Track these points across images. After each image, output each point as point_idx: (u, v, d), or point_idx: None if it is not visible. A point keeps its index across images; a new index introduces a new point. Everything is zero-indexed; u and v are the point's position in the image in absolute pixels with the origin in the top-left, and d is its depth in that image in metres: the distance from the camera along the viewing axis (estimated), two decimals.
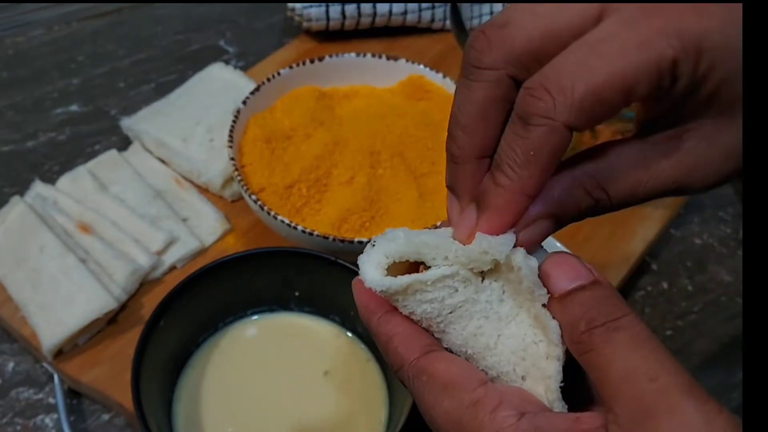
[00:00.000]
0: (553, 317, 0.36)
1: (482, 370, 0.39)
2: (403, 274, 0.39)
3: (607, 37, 0.35)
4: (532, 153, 0.35)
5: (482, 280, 0.38)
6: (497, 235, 0.37)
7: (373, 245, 0.39)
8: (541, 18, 0.36)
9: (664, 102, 0.37)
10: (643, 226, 0.80)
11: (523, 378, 0.38)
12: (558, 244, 0.69)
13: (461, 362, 0.38)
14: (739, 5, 0.35)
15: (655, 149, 0.38)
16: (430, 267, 0.38)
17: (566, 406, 0.36)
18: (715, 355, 0.74)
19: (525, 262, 0.36)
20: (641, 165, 0.38)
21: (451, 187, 0.40)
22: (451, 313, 0.38)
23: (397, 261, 0.38)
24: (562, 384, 0.36)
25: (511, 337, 0.38)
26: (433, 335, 0.39)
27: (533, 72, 0.36)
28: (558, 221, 0.38)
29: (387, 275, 0.38)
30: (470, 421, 0.35)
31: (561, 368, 0.36)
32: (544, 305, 0.37)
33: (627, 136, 0.40)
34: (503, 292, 0.38)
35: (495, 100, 0.37)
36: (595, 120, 0.35)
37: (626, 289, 0.78)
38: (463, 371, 0.37)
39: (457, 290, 0.38)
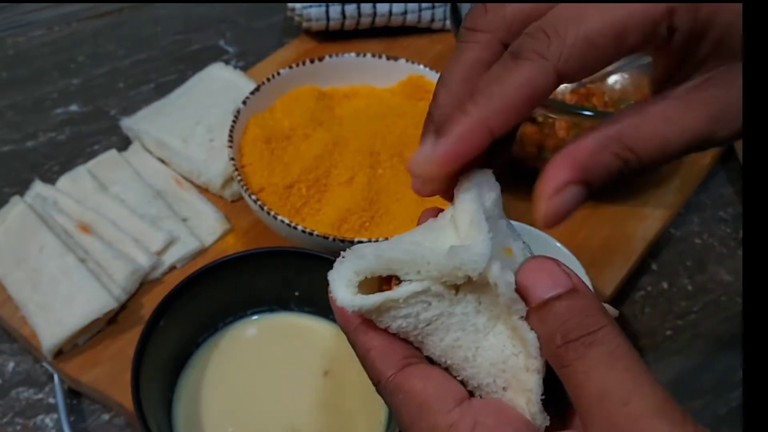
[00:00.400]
0: (531, 329, 0.35)
1: (461, 380, 0.38)
2: (377, 287, 0.38)
3: None
4: (513, 87, 0.35)
5: (456, 293, 0.37)
6: (449, 167, 0.36)
7: (342, 261, 0.38)
8: None
9: (670, 54, 0.37)
10: (643, 226, 0.80)
11: (504, 389, 0.37)
12: (558, 245, 0.69)
13: (438, 378, 0.37)
14: None
15: (677, 104, 0.37)
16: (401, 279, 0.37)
17: (548, 418, 0.36)
18: (715, 355, 0.74)
19: (502, 278, 0.35)
20: (666, 122, 0.37)
21: (423, 135, 0.39)
22: (427, 326, 0.37)
23: (369, 277, 0.37)
24: (543, 397, 0.36)
25: (490, 349, 0.37)
26: (412, 345, 0.39)
27: None
28: (588, 186, 0.37)
29: (358, 292, 0.37)
30: None
31: (541, 381, 0.36)
32: (522, 318, 0.36)
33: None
34: (479, 303, 0.37)
35: (482, 62, 0.38)
36: (586, 67, 0.36)
37: (626, 289, 0.78)
38: (439, 390, 0.36)
39: (430, 304, 0.37)
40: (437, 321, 0.37)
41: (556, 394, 0.36)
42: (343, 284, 0.37)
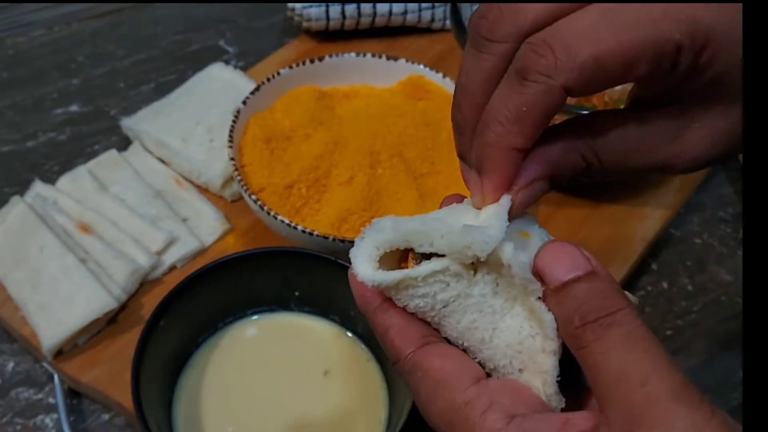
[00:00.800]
0: (549, 310, 0.36)
1: (479, 362, 0.38)
2: (397, 263, 0.39)
3: (621, 8, 0.35)
4: (524, 110, 0.36)
5: (474, 274, 0.38)
6: (502, 195, 0.38)
7: (363, 238, 0.38)
8: None
9: (661, 83, 0.38)
10: (643, 226, 0.80)
11: (520, 370, 0.37)
12: None
13: (456, 357, 0.38)
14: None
15: (650, 127, 0.39)
16: (417, 254, 0.38)
17: (563, 400, 0.36)
18: (715, 355, 0.74)
19: (514, 259, 0.35)
20: (635, 140, 0.39)
21: (461, 156, 0.40)
22: (444, 307, 0.38)
23: (388, 251, 0.38)
24: (558, 378, 0.36)
25: (507, 330, 0.38)
26: (430, 325, 0.39)
27: None
28: (553, 182, 0.39)
29: (379, 267, 0.38)
30: (462, 422, 0.35)
31: (557, 363, 0.36)
32: (539, 298, 0.36)
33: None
34: (497, 285, 0.38)
35: (501, 72, 0.38)
36: (591, 88, 0.36)
37: (626, 289, 0.77)
38: (457, 368, 0.37)
39: (449, 285, 0.37)
40: (455, 302, 0.38)
41: (572, 376, 0.36)
42: (364, 260, 0.38)
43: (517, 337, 0.37)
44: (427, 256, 0.38)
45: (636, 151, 0.39)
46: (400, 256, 0.39)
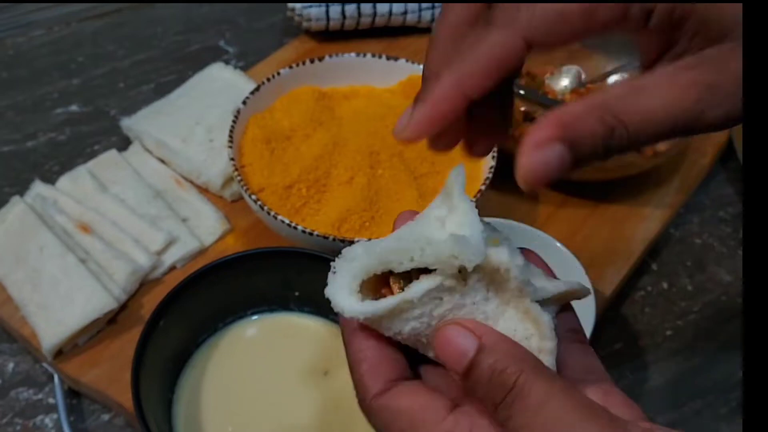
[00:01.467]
0: (544, 309, 0.35)
1: None
2: (376, 289, 0.37)
3: None
4: (482, 51, 0.36)
5: (465, 284, 0.36)
6: (425, 129, 0.37)
7: (334, 272, 0.36)
8: None
9: (652, 36, 0.38)
10: (643, 226, 0.80)
11: None
12: (558, 245, 0.69)
13: (425, 392, 0.37)
14: None
15: (666, 79, 0.37)
16: (397, 277, 0.37)
17: None
18: (715, 355, 0.74)
19: (513, 262, 0.35)
20: (654, 95, 0.36)
21: (415, 100, 0.40)
22: (439, 322, 0.36)
23: (366, 279, 0.36)
24: None
25: None
26: (417, 350, 0.38)
27: None
28: (572, 150, 0.35)
29: (363, 299, 0.36)
30: None
31: (554, 362, 0.36)
32: (533, 300, 0.36)
33: None
34: (487, 291, 0.37)
35: (467, 21, 0.39)
36: (556, 38, 0.37)
37: (626, 289, 0.78)
38: (429, 402, 0.36)
39: (442, 299, 0.36)
40: (449, 315, 0.36)
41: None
42: (345, 294, 0.36)
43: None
44: (408, 277, 0.36)
45: (660, 105, 0.36)
46: (375, 284, 0.37)
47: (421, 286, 0.35)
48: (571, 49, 0.83)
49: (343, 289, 0.36)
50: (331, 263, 0.37)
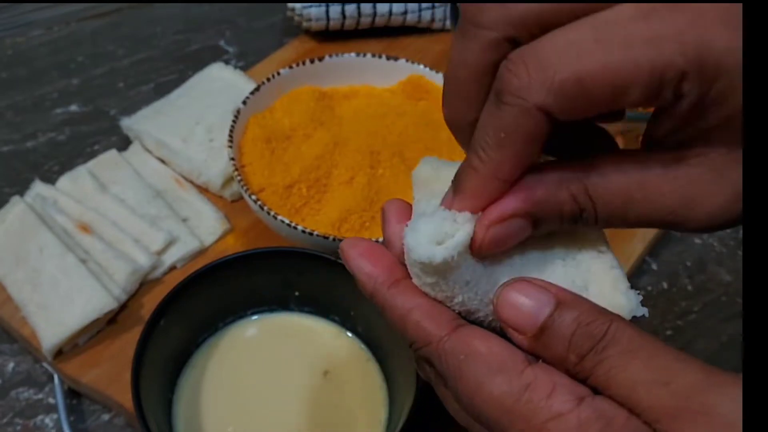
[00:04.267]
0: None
1: None
2: None
3: (616, 21, 0.30)
4: (502, 135, 0.32)
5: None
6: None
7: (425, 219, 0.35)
8: None
9: (669, 117, 0.33)
10: None
11: (586, 288, 0.36)
12: None
13: (499, 339, 0.34)
14: None
15: (655, 167, 0.33)
16: None
17: (640, 294, 0.35)
18: (715, 355, 0.74)
19: None
20: (636, 181, 0.33)
21: (453, 186, 0.36)
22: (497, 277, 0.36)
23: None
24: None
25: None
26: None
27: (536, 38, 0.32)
28: (536, 223, 0.34)
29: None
30: (523, 407, 0.32)
31: (615, 256, 0.36)
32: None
33: (628, 136, 0.38)
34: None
35: (491, 65, 0.33)
36: (576, 112, 0.31)
37: None
38: (506, 351, 0.33)
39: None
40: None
41: None
42: (427, 239, 0.34)
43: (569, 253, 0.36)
44: None
45: (639, 195, 0.33)
46: None
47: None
48: None
49: (428, 234, 0.34)
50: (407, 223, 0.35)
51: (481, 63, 0.34)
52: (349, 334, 0.64)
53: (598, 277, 0.36)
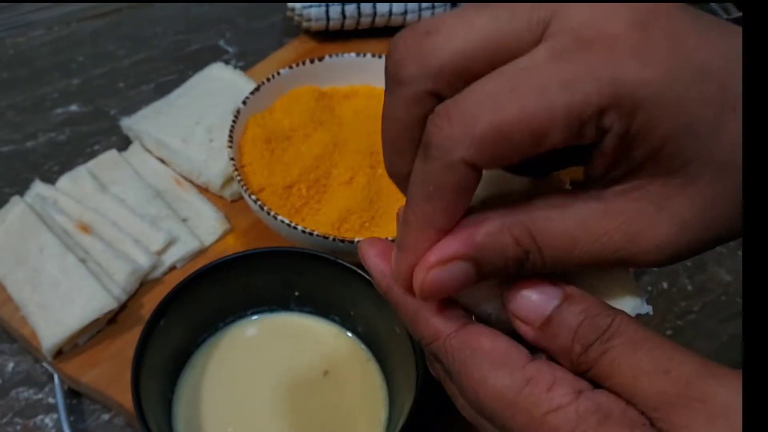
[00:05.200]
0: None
1: None
2: None
3: (531, 67, 0.31)
4: (431, 188, 0.32)
5: None
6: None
7: None
8: (475, 30, 0.32)
9: (601, 155, 0.33)
10: None
11: (592, 286, 0.37)
12: None
13: (503, 337, 0.35)
14: (688, 49, 0.31)
15: (598, 207, 0.33)
16: None
17: (647, 292, 0.36)
18: (715, 355, 0.74)
19: None
20: (578, 220, 0.33)
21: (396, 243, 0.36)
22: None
23: None
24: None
25: None
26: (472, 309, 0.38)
27: (459, 90, 0.32)
28: (478, 269, 0.34)
29: None
30: (525, 400, 0.33)
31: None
32: None
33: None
34: None
35: (420, 119, 0.34)
36: (502, 160, 0.31)
37: None
38: (510, 347, 0.35)
39: None
40: None
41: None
42: None
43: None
44: None
45: (583, 235, 0.33)
46: None
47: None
48: None
49: None
50: None
51: (409, 118, 0.34)
52: (349, 334, 0.64)
53: (604, 274, 0.37)
